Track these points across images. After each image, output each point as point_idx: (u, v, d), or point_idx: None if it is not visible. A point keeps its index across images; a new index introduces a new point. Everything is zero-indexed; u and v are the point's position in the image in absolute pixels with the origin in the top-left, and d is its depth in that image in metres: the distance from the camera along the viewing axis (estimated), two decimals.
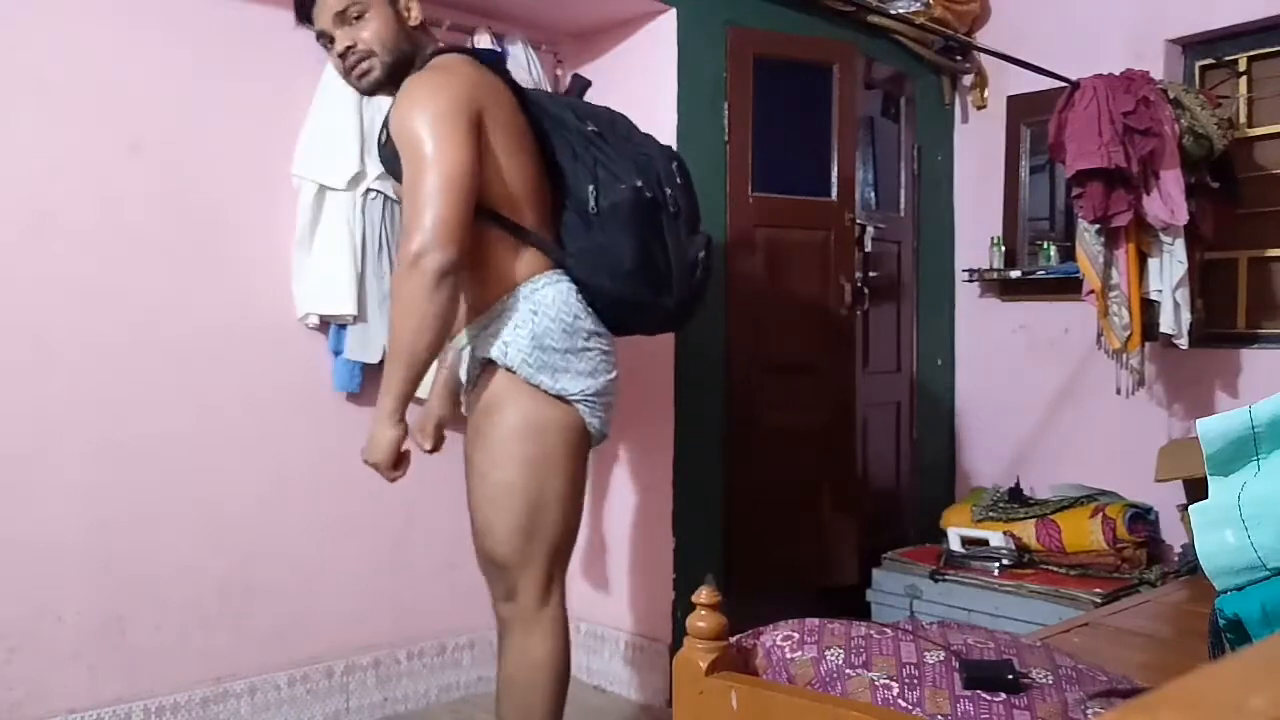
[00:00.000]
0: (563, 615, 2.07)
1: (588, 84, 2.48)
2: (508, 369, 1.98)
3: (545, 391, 1.97)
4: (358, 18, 1.99)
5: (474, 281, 2.03)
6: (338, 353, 2.76)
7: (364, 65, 2.02)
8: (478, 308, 2.04)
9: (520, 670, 2.04)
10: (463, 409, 2.17)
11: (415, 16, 2.05)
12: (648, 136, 2.24)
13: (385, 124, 2.03)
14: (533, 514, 1.99)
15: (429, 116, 1.86)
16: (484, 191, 1.95)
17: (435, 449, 2.22)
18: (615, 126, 2.19)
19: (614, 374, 2.09)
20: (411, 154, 1.87)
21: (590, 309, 2.05)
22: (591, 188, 2.07)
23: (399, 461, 1.94)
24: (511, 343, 1.97)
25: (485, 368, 2.02)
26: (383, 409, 1.91)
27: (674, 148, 2.27)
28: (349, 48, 2.00)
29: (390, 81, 2.02)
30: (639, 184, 2.08)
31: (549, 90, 3.03)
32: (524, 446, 1.98)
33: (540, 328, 1.97)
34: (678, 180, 2.18)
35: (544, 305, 1.99)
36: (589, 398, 2.02)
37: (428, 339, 1.87)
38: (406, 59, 2.02)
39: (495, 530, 2.01)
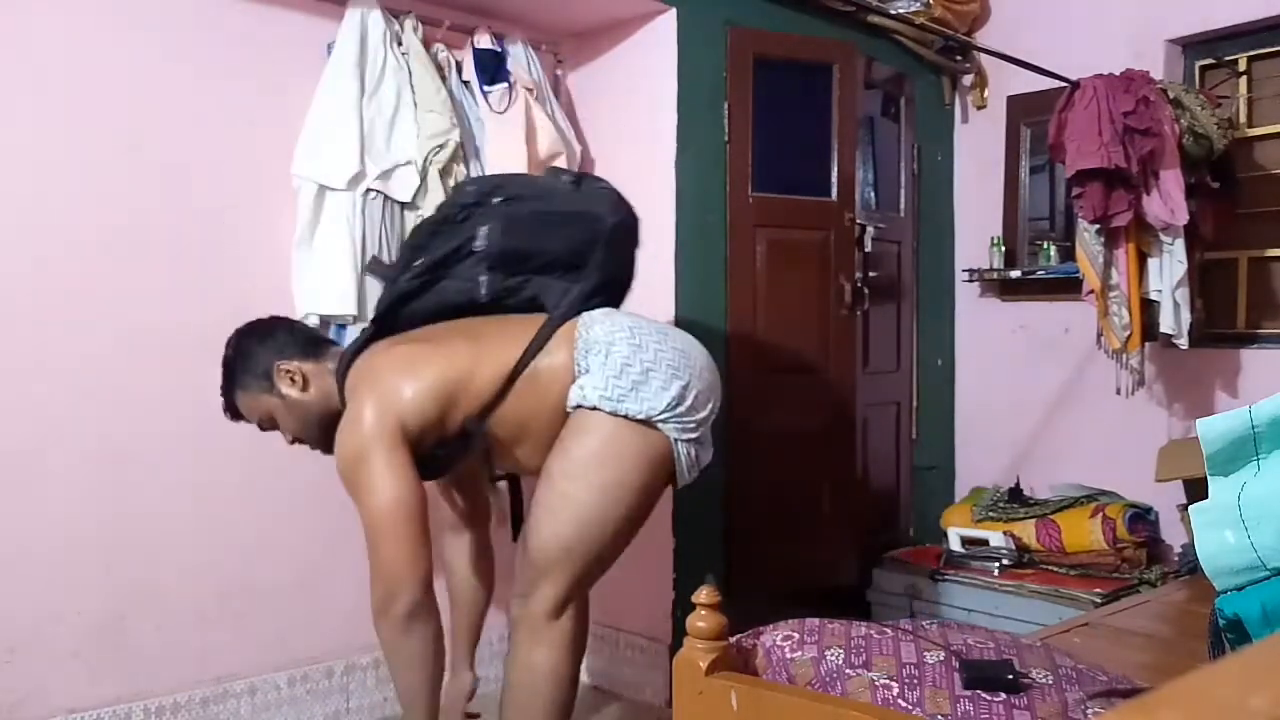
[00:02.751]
0: (574, 631, 2.08)
1: (382, 266, 2.47)
2: (592, 408, 1.99)
3: (633, 419, 1.98)
4: (273, 426, 2.14)
5: (548, 409, 2.04)
6: None
7: (315, 448, 2.16)
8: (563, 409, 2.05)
9: (523, 677, 2.06)
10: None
11: (297, 380, 2.08)
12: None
13: None
14: (581, 535, 2.00)
15: (351, 465, 1.93)
16: (474, 407, 2.00)
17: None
18: (432, 236, 2.20)
19: (688, 380, 2.04)
20: (356, 503, 1.94)
21: (633, 322, 2.06)
22: (484, 279, 2.13)
23: None
24: (587, 385, 1.99)
25: (571, 414, 2.03)
26: None
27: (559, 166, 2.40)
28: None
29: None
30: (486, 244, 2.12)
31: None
32: (600, 471, 2.00)
33: (610, 358, 1.99)
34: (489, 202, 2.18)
35: (604, 340, 2.01)
36: (679, 416, 2.01)
37: (421, 672, 1.98)
38: (330, 415, 2.06)
39: (541, 533, 2.03)
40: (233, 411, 2.16)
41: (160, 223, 2.53)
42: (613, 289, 2.22)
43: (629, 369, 1.99)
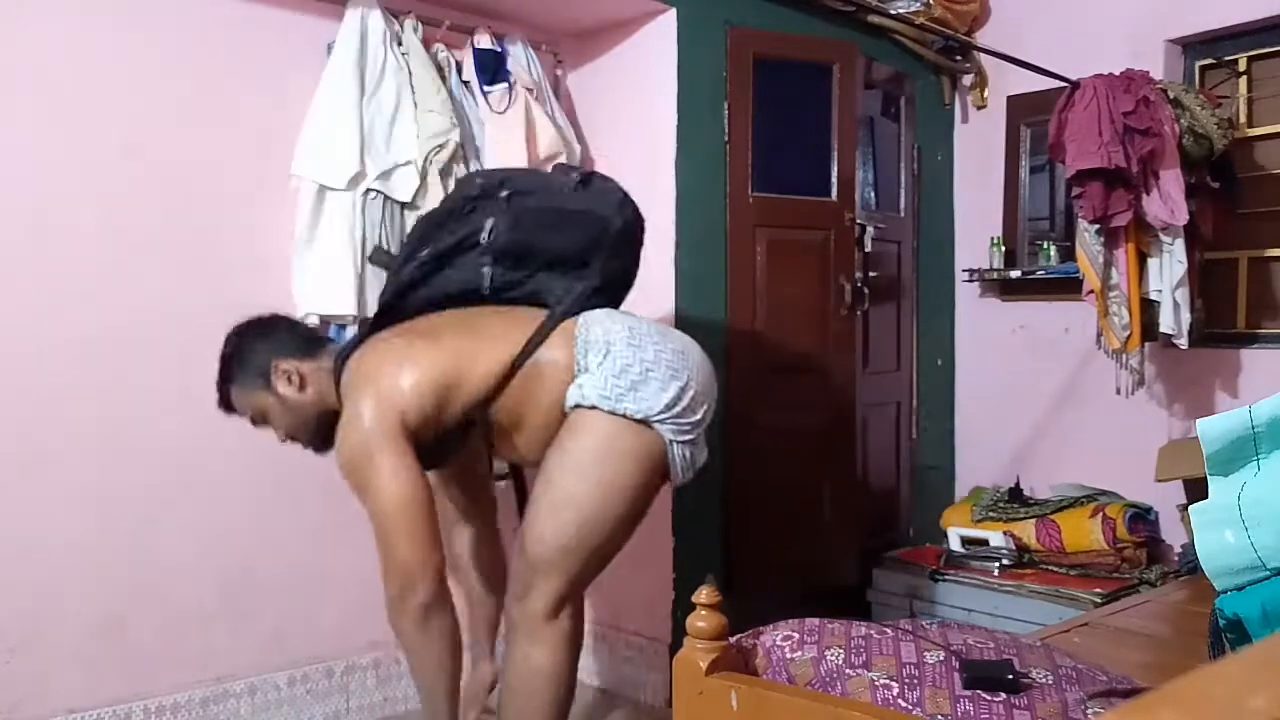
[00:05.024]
0: (571, 630, 2.07)
1: (386, 255, 2.53)
2: (591, 407, 1.99)
3: (631, 418, 1.98)
4: (265, 423, 2.13)
5: (546, 404, 2.04)
6: None
7: (308, 448, 2.16)
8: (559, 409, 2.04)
9: (520, 677, 2.05)
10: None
11: (294, 380, 2.07)
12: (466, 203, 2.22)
13: None
14: (579, 534, 2.01)
15: (355, 463, 1.93)
16: (468, 401, 2.00)
17: None
18: (447, 220, 2.20)
19: (686, 381, 2.05)
20: (363, 500, 1.94)
21: (633, 322, 2.06)
22: (487, 271, 2.14)
23: None
24: (586, 384, 1.99)
25: (570, 413, 2.04)
26: None
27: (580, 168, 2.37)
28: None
29: (330, 434, 2.05)
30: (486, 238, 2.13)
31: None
32: (598, 470, 2.00)
33: (610, 357, 1.99)
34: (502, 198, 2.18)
35: (603, 340, 2.01)
36: (675, 417, 2.01)
37: (438, 666, 1.96)
38: (326, 414, 2.07)
39: (539, 533, 2.03)
40: (226, 406, 2.14)
41: (160, 223, 2.53)
42: (614, 289, 2.22)
43: (629, 369, 1.99)
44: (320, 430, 2.08)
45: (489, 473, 2.37)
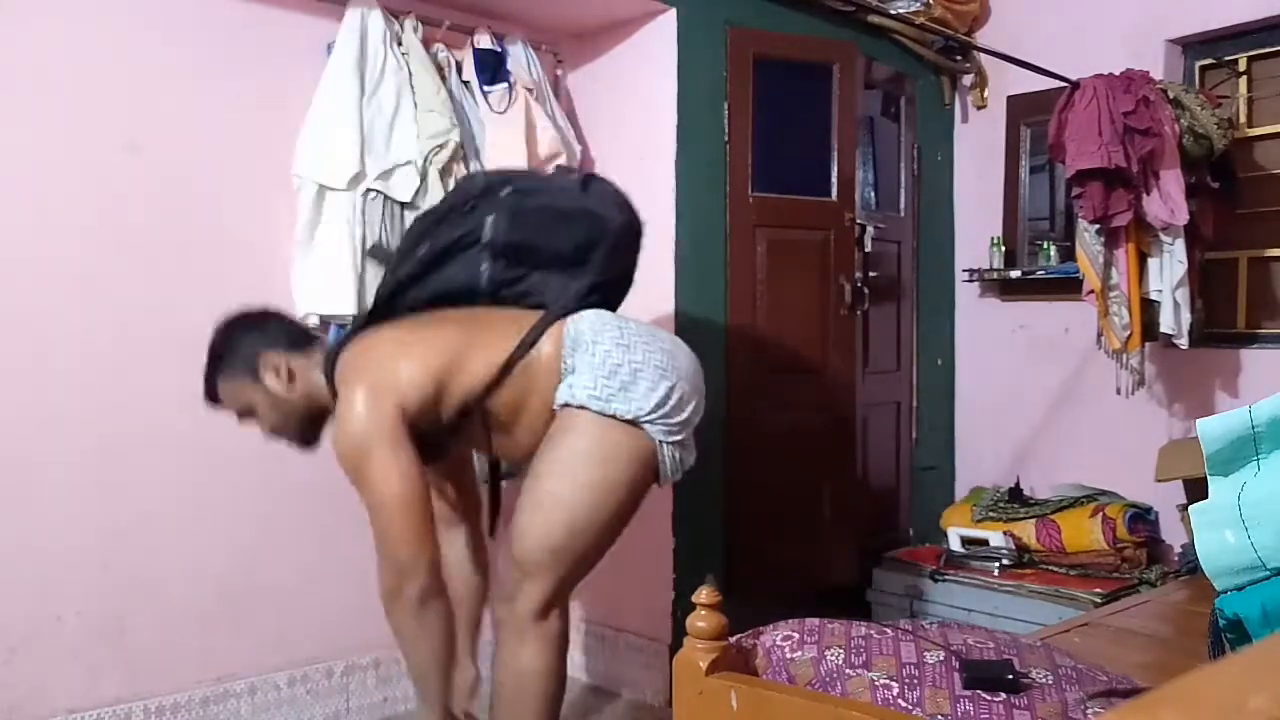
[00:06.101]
0: (560, 631, 2.07)
1: (384, 252, 2.55)
2: (580, 407, 1.99)
3: (620, 419, 1.98)
4: (251, 417, 2.11)
5: (538, 402, 2.05)
6: None
7: (292, 446, 2.15)
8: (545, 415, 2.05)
9: (510, 678, 2.06)
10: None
11: (282, 374, 2.05)
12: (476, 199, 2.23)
13: None
14: (569, 535, 2.00)
15: (351, 457, 1.92)
16: (466, 394, 2.00)
17: None
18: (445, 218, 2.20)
19: (675, 381, 2.04)
20: (359, 492, 1.94)
21: (621, 322, 2.06)
22: (485, 269, 2.13)
23: None
24: (575, 384, 1.99)
25: (559, 411, 2.03)
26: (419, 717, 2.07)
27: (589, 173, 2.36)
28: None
29: (316, 432, 2.10)
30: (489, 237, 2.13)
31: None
32: (587, 470, 1.99)
33: (599, 358, 1.99)
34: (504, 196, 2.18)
35: (592, 340, 2.01)
36: (664, 417, 2.01)
37: (435, 653, 1.99)
38: (315, 411, 2.07)
39: (528, 534, 2.02)
40: (212, 397, 2.11)
41: (160, 223, 2.53)
42: (611, 289, 2.22)
43: (619, 370, 1.99)
44: (307, 428, 2.09)
45: (477, 474, 2.37)
